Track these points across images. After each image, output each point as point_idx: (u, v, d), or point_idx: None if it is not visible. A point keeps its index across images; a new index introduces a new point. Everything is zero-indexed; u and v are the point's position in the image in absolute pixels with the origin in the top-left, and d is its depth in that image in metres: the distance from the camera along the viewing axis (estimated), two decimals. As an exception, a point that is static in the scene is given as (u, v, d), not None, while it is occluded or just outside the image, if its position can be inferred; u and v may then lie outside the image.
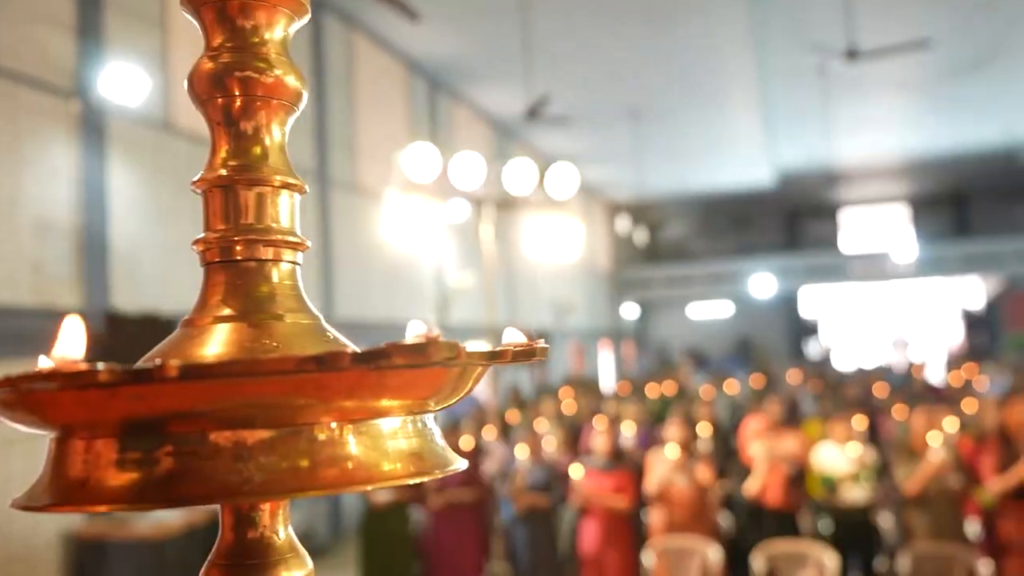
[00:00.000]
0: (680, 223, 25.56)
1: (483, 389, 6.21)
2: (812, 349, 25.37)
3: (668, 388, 9.65)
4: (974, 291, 25.03)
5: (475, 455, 6.33)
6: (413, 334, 0.51)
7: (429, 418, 0.57)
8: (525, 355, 0.60)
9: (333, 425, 0.50)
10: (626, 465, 5.63)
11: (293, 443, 0.48)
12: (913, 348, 24.17)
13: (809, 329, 26.29)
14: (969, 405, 7.34)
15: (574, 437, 7.10)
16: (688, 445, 5.48)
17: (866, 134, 16.77)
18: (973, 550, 4.73)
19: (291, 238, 0.63)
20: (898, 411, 6.91)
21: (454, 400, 0.57)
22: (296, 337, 0.59)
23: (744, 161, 18.14)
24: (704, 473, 5.33)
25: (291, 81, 0.64)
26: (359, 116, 9.94)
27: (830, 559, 4.63)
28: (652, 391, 9.43)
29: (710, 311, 26.21)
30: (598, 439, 5.58)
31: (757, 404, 7.15)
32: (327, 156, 9.05)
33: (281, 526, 0.57)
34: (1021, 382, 8.16)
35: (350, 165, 9.61)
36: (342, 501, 8.69)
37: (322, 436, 0.49)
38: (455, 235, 12.01)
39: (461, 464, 0.59)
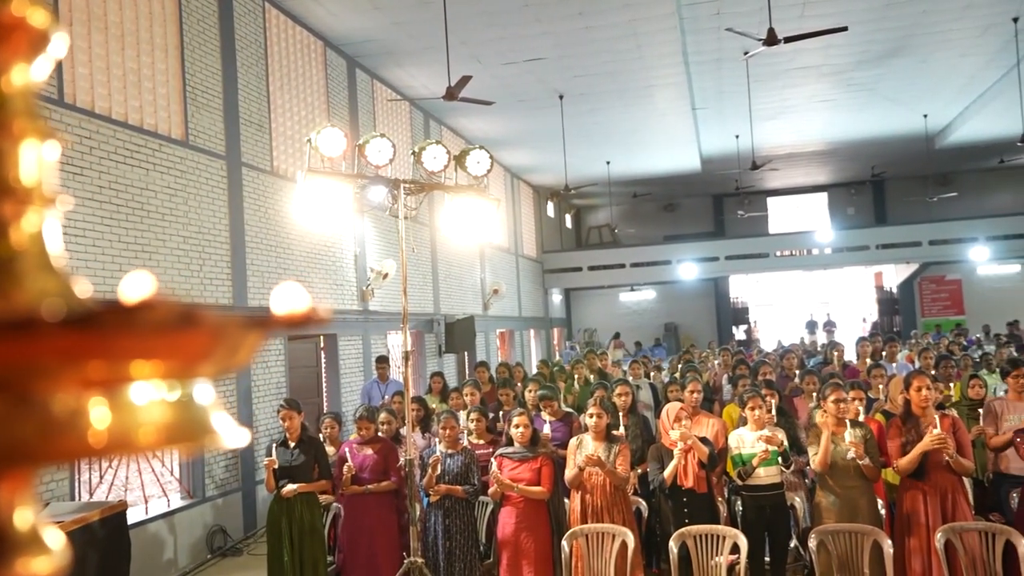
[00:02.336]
0: (607, 209, 25.70)
1: (402, 376, 6.06)
2: (738, 333, 25.87)
3: (592, 374, 9.64)
4: (890, 275, 25.86)
5: (391, 444, 6.20)
6: (135, 291, 0.48)
7: (198, 388, 0.51)
8: (292, 322, 0.52)
9: (71, 391, 0.45)
10: (545, 452, 5.57)
11: (21, 411, 0.44)
12: (831, 331, 24.83)
13: (735, 313, 26.79)
14: (880, 386, 7.52)
15: (494, 425, 7.01)
16: (608, 431, 5.44)
17: (788, 120, 17.09)
18: (880, 528, 4.80)
19: (35, 193, 0.53)
20: (813, 392, 7.02)
21: (224, 370, 0.51)
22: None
23: (671, 147, 18.30)
24: (623, 459, 5.30)
25: (30, 15, 0.52)
26: (274, 95, 9.62)
27: (744, 541, 4.65)
28: (575, 377, 9.41)
29: (638, 296, 26.48)
30: (517, 427, 5.51)
31: (678, 389, 7.17)
32: (238, 136, 8.72)
33: (20, 507, 0.49)
34: (927, 363, 8.39)
35: (264, 146, 9.29)
36: (256, 498, 8.45)
37: (57, 403, 0.44)
38: (375, 220, 11.78)
39: (232, 440, 0.52)
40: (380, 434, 6.28)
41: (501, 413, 7.54)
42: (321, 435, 6.64)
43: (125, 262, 6.83)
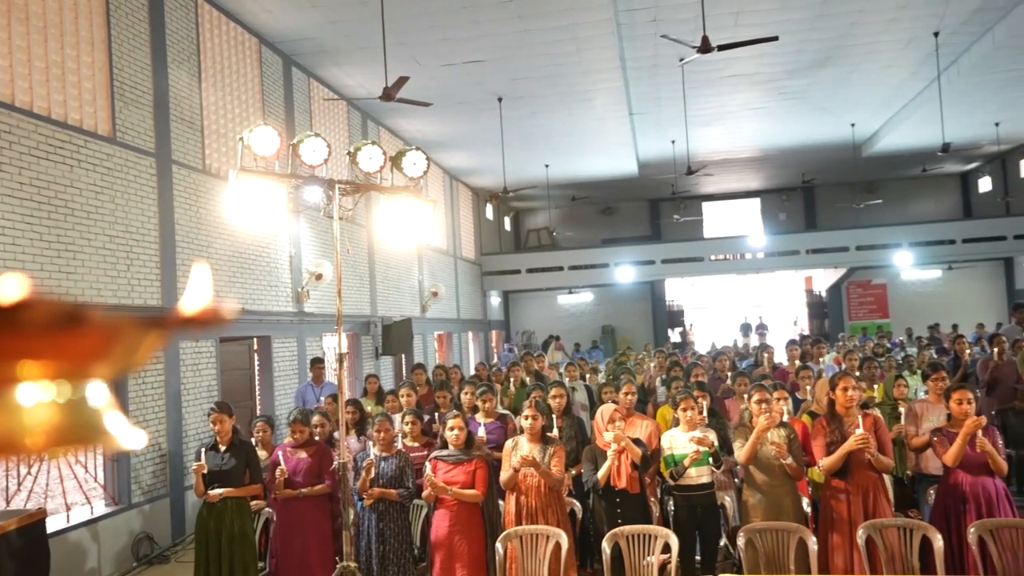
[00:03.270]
0: (546, 212, 25.85)
1: (337, 379, 5.98)
2: (673, 336, 26.28)
3: (528, 376, 9.67)
4: (820, 279, 26.58)
5: (325, 447, 6.12)
6: (12, 291, 0.45)
7: (92, 388, 0.50)
8: (193, 323, 0.53)
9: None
10: (479, 455, 5.57)
11: None
12: (763, 333, 25.41)
13: (671, 316, 27.22)
14: (807, 387, 7.72)
15: (430, 427, 6.98)
16: (542, 432, 5.47)
17: (723, 126, 17.44)
18: (805, 526, 4.92)
19: None
20: (744, 394, 7.16)
21: (121, 371, 0.51)
22: None
23: (608, 151, 18.48)
24: (558, 460, 5.34)
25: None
26: (207, 92, 9.41)
27: (675, 540, 4.72)
28: (512, 379, 9.43)
29: (576, 299, 26.69)
30: (452, 429, 5.50)
31: (613, 391, 7.24)
32: (169, 133, 8.51)
33: None
34: (851, 364, 8.65)
35: (196, 144, 9.09)
36: (185, 504, 8.26)
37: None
38: (311, 220, 11.63)
39: (126, 441, 0.52)
40: (315, 437, 6.20)
41: (437, 415, 7.50)
42: (253, 439, 6.52)
43: (47, 261, 6.61)
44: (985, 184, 24.35)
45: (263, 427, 6.66)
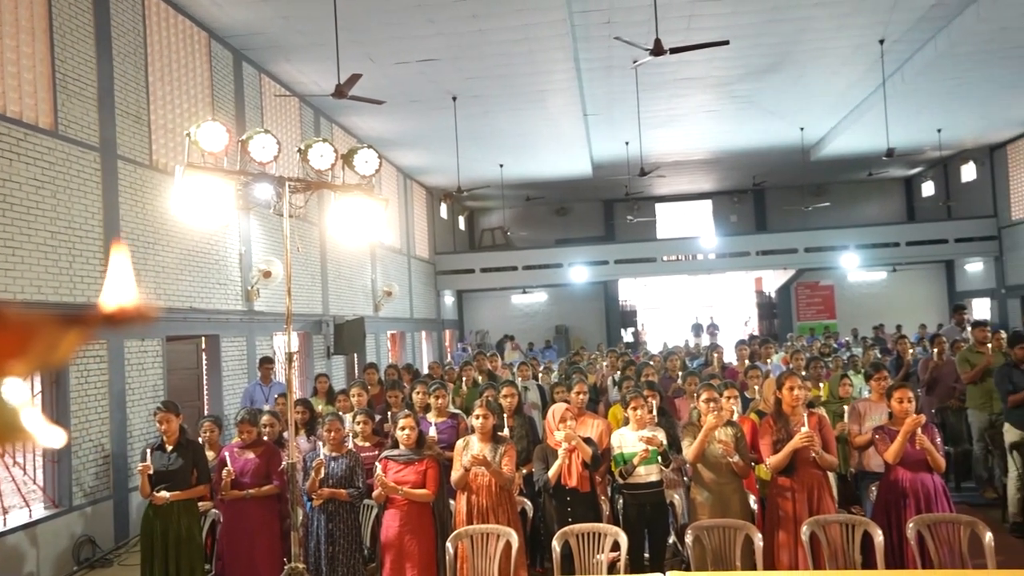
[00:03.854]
0: (500, 211, 25.87)
1: (286, 378, 5.90)
2: (626, 336, 26.49)
3: (481, 375, 9.66)
4: (770, 280, 27.04)
5: (274, 447, 6.05)
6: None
7: (8, 386, 0.49)
8: (116, 320, 0.52)
9: None
10: (431, 454, 5.55)
11: None
12: (714, 333, 25.76)
13: (624, 316, 27.44)
14: (756, 387, 7.84)
15: (381, 427, 6.93)
16: (494, 432, 5.48)
17: (676, 128, 17.62)
18: (752, 523, 5.00)
19: None
20: (694, 393, 7.24)
21: (40, 368, 0.50)
22: None
23: (563, 151, 18.56)
24: (509, 459, 5.34)
25: None
26: (154, 85, 9.22)
27: (624, 538, 4.75)
28: (464, 378, 9.42)
29: (529, 299, 26.76)
30: (403, 429, 5.47)
31: (565, 390, 7.27)
32: (114, 127, 8.32)
33: None
34: (798, 364, 8.81)
35: (142, 138, 8.90)
36: (129, 506, 8.08)
37: None
38: (262, 218, 11.48)
39: (45, 440, 0.51)
40: (263, 437, 6.12)
41: (389, 415, 7.46)
42: (200, 439, 6.41)
43: (-15, 257, 6.41)
44: (928, 188, 25.00)
45: (210, 427, 6.55)
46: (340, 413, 6.56)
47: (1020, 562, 5.83)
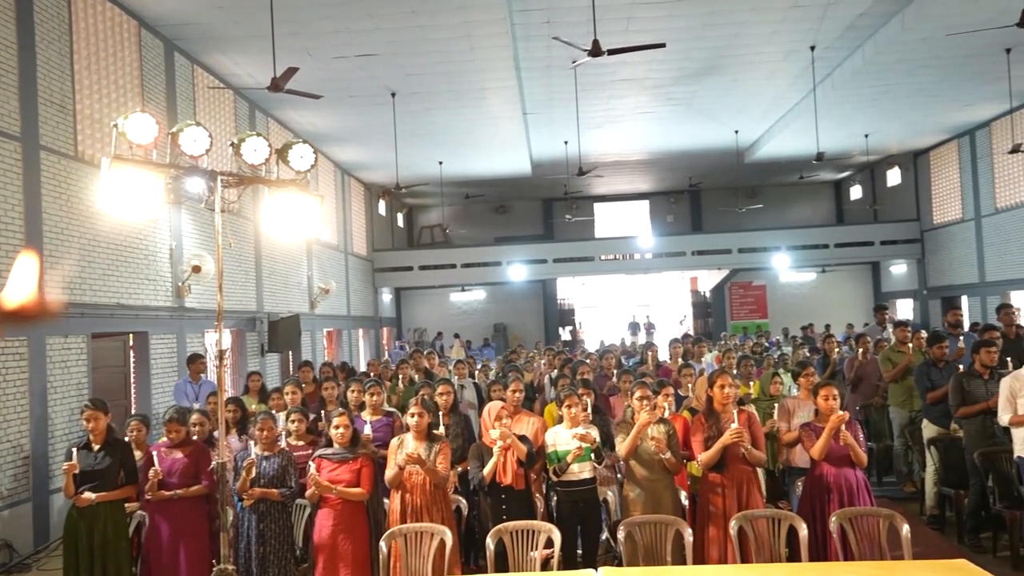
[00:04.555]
0: (439, 209, 25.78)
1: (216, 375, 5.78)
2: (564, 334, 26.67)
3: (418, 373, 9.62)
4: (705, 280, 27.54)
5: (203, 447, 5.92)
6: None
7: None
8: (19, 317, 0.50)
9: None
10: (365, 453, 5.51)
11: None
12: (651, 332, 26.13)
13: (562, 314, 27.62)
14: (689, 384, 7.98)
15: (315, 426, 6.85)
16: (429, 430, 5.46)
17: (614, 129, 17.80)
18: (683, 519, 5.09)
19: None
20: (627, 391, 7.33)
21: None
22: None
23: (502, 150, 18.58)
24: (443, 457, 5.33)
25: None
26: (80, 74, 8.92)
27: (557, 535, 4.79)
28: (400, 376, 9.36)
29: (468, 297, 26.73)
30: (337, 427, 5.42)
31: (501, 388, 7.28)
32: (36, 117, 8.03)
33: None
34: (729, 362, 9.00)
35: (67, 129, 8.61)
36: (51, 508, 7.82)
37: None
38: (194, 212, 11.23)
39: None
40: (192, 437, 5.99)
41: (323, 413, 7.38)
42: (127, 438, 6.24)
43: None
44: (856, 192, 25.76)
45: (137, 426, 6.38)
46: (273, 412, 6.46)
47: (936, 553, 6.05)
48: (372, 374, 9.92)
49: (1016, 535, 6.21)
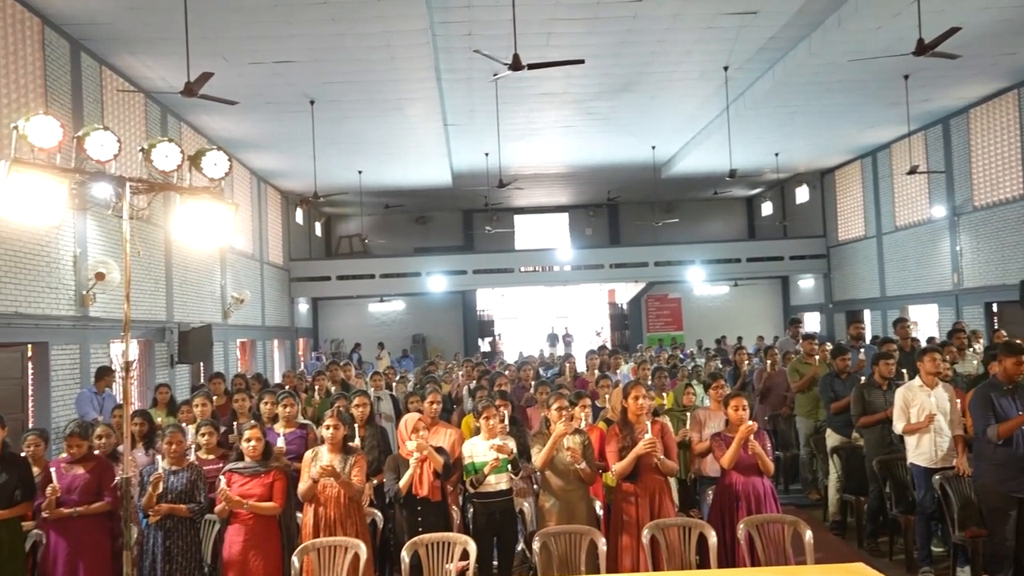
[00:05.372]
0: (359, 218, 25.51)
1: (123, 388, 5.58)
2: (483, 345, 26.70)
3: (334, 385, 9.49)
4: (622, 292, 27.99)
5: (107, 462, 5.71)
6: None
7: None
8: None
9: None
10: (278, 466, 5.41)
11: None
12: (569, 343, 26.37)
13: (481, 326, 27.64)
14: (606, 396, 8.10)
15: (226, 439, 6.69)
16: (344, 442, 5.40)
17: (534, 142, 17.96)
18: (597, 528, 5.16)
19: None
20: (544, 402, 7.39)
21: None
22: None
23: (423, 160, 18.53)
24: (359, 470, 5.28)
25: None
26: (-22, 74, 8.53)
27: (473, 547, 4.79)
28: (316, 388, 9.22)
29: (387, 307, 26.51)
30: (249, 440, 5.31)
31: (418, 400, 7.25)
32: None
33: None
34: (644, 374, 9.18)
35: (-37, 130, 8.21)
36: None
37: None
38: (101, 219, 10.83)
39: None
40: (94, 451, 5.77)
41: (235, 426, 7.21)
42: (24, 454, 5.96)
43: None
44: (767, 208, 26.63)
45: (35, 441, 6.10)
46: (182, 425, 6.28)
47: (836, 557, 6.30)
48: (287, 386, 9.73)
49: (910, 539, 6.50)
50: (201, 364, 14.26)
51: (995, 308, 15.92)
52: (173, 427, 5.67)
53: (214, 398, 7.75)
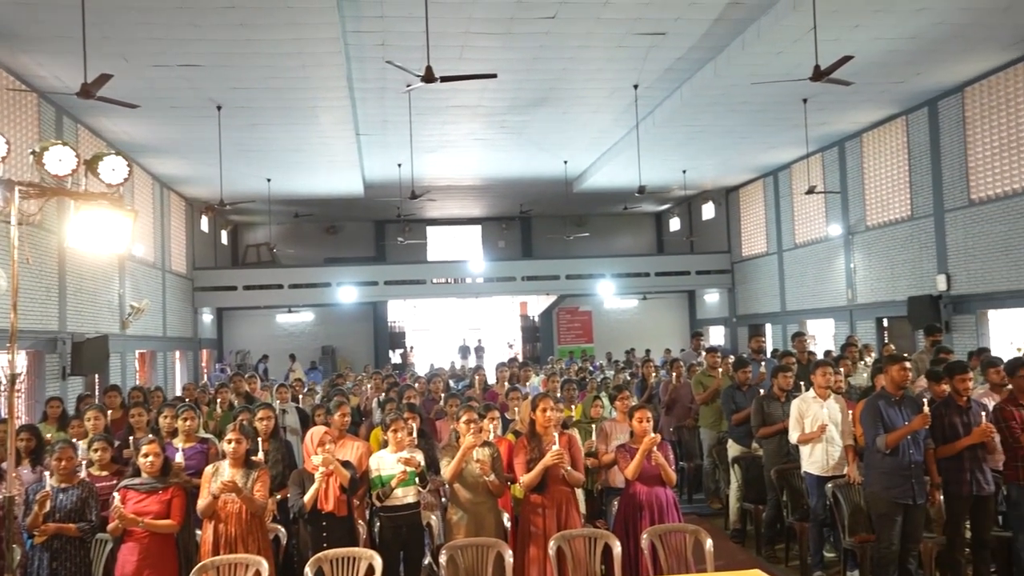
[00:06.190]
0: (267, 227, 24.97)
1: (9, 402, 5.29)
2: (394, 357, 26.46)
3: (238, 398, 9.24)
4: (534, 305, 28.20)
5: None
6: None
7: None
8: None
9: None
10: (177, 482, 5.22)
11: None
12: (481, 355, 26.41)
13: (393, 337, 27.40)
14: (515, 408, 8.13)
15: (121, 454, 6.43)
16: (247, 456, 5.26)
17: (447, 154, 17.96)
18: (504, 541, 5.16)
19: None
20: (454, 414, 7.37)
21: None
22: None
23: (334, 170, 18.30)
24: (261, 484, 5.15)
25: None
26: None
27: (379, 561, 4.72)
28: (219, 401, 8.96)
29: (295, 318, 26.02)
30: (146, 456, 5.11)
31: (326, 413, 7.13)
32: None
33: None
34: (553, 386, 9.26)
35: None
36: None
37: None
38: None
39: None
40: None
41: (132, 440, 6.94)
42: None
43: None
44: (675, 224, 27.32)
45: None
46: (73, 440, 6.00)
47: (735, 564, 6.48)
48: (187, 399, 9.42)
49: (804, 545, 6.75)
50: (96, 376, 13.67)
51: (885, 323, 16.74)
52: (63, 442, 5.43)
53: (109, 412, 7.43)
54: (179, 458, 5.72)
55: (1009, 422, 5.79)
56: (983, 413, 5.84)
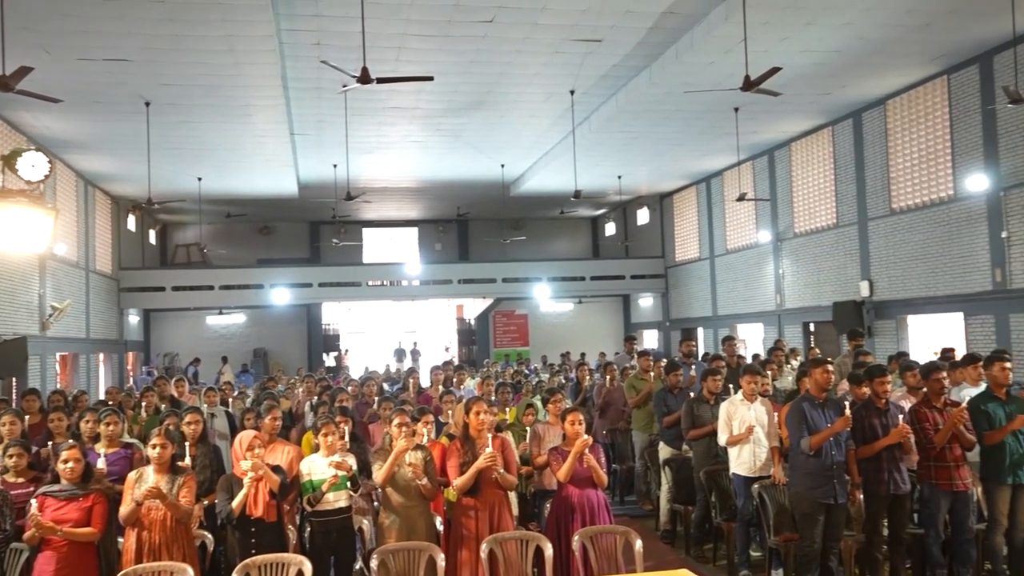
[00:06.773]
0: (197, 227, 24.42)
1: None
2: (328, 360, 26.15)
3: (164, 402, 9.00)
4: (470, 308, 28.19)
5: None
6: None
7: None
8: None
9: None
10: (98, 489, 5.07)
11: None
12: (417, 358, 26.29)
13: (327, 340, 27.06)
14: (449, 411, 8.11)
15: (38, 460, 6.21)
16: (173, 462, 5.14)
17: (384, 156, 17.84)
18: (436, 544, 5.16)
19: None
20: (387, 417, 7.32)
21: None
22: None
23: (268, 169, 18.00)
24: (188, 490, 5.04)
25: None
26: None
27: (308, 567, 4.66)
28: (144, 405, 8.72)
29: (226, 320, 25.50)
30: (66, 462, 4.95)
31: (255, 417, 7.01)
32: None
33: None
34: (487, 390, 9.28)
35: None
36: None
37: None
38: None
39: None
40: None
41: (51, 446, 6.71)
42: None
43: None
44: (610, 228, 27.65)
45: None
46: (-12, 446, 5.77)
47: (664, 565, 6.60)
48: (110, 402, 9.14)
49: (731, 544, 6.90)
50: (14, 379, 13.16)
51: (812, 327, 17.22)
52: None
53: (27, 416, 7.17)
54: (101, 464, 5.56)
55: (923, 423, 6.03)
56: (900, 415, 6.07)
